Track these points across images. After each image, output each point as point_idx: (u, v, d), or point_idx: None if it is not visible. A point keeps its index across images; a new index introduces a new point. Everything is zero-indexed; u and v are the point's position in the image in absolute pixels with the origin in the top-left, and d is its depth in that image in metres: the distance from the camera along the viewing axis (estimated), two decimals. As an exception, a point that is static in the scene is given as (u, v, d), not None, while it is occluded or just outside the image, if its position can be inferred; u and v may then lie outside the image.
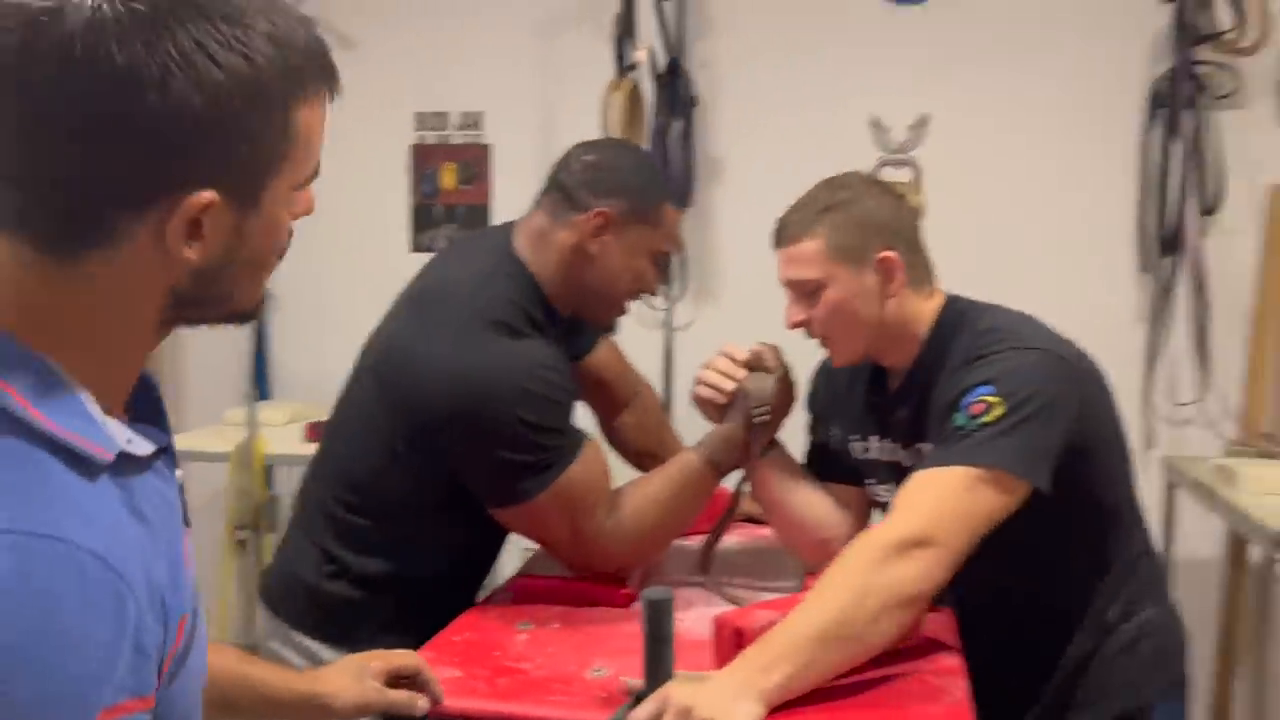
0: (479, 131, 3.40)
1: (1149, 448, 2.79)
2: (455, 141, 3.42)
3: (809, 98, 3.10)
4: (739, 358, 1.60)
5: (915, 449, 1.49)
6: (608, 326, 1.72)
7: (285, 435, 2.91)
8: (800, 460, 1.69)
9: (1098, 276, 2.94)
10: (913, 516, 1.27)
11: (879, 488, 1.59)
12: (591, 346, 1.83)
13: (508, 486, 1.46)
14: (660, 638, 1.15)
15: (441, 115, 3.42)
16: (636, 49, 2.91)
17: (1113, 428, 1.48)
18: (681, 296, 3.19)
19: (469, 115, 3.40)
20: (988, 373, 1.35)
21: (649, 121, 3.04)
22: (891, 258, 1.45)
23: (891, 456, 1.55)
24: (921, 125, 3.05)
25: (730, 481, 1.69)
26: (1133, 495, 1.54)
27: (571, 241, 1.54)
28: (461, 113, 3.40)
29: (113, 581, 0.62)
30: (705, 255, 3.11)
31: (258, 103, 0.66)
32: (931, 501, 1.28)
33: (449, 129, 3.43)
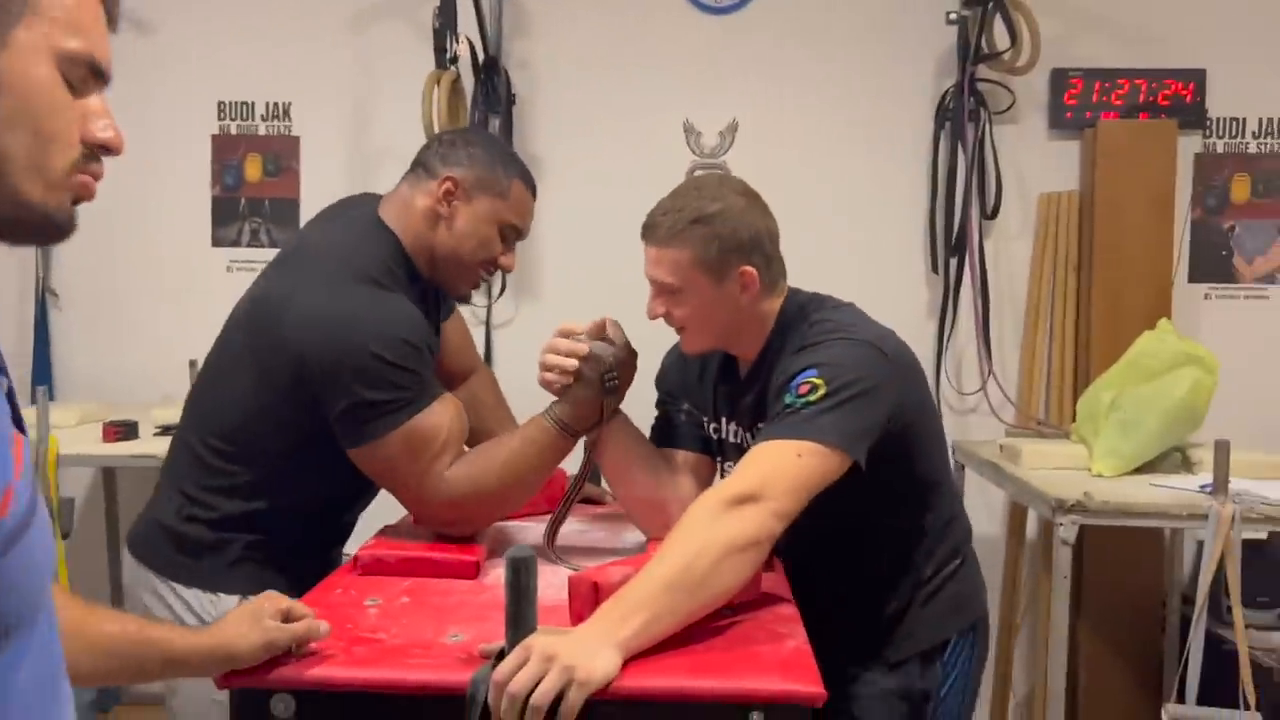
0: (287, 122, 3.30)
1: (939, 433, 3.02)
2: (261, 133, 3.30)
3: (625, 101, 3.19)
4: (579, 330, 1.64)
5: (757, 428, 1.60)
6: (462, 295, 1.77)
7: (78, 436, 2.72)
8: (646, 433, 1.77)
9: (893, 276, 3.15)
10: (744, 477, 1.38)
11: (727, 465, 1.70)
12: (446, 317, 1.89)
13: (362, 424, 1.52)
14: (523, 595, 1.17)
15: (247, 105, 3.30)
16: (458, 42, 2.90)
17: (927, 410, 1.65)
18: (501, 294, 3.20)
19: (276, 106, 3.29)
20: (815, 358, 1.49)
21: (469, 117, 3.03)
22: (750, 273, 1.57)
23: (739, 438, 1.67)
24: (732, 130, 3.18)
25: (571, 464, 1.72)
26: (945, 467, 1.72)
27: (424, 205, 1.65)
28: (268, 103, 3.29)
29: None
30: (523, 254, 3.08)
31: None
32: (763, 466, 1.40)
33: (254, 119, 3.30)
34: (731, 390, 1.69)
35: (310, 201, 3.26)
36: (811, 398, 1.43)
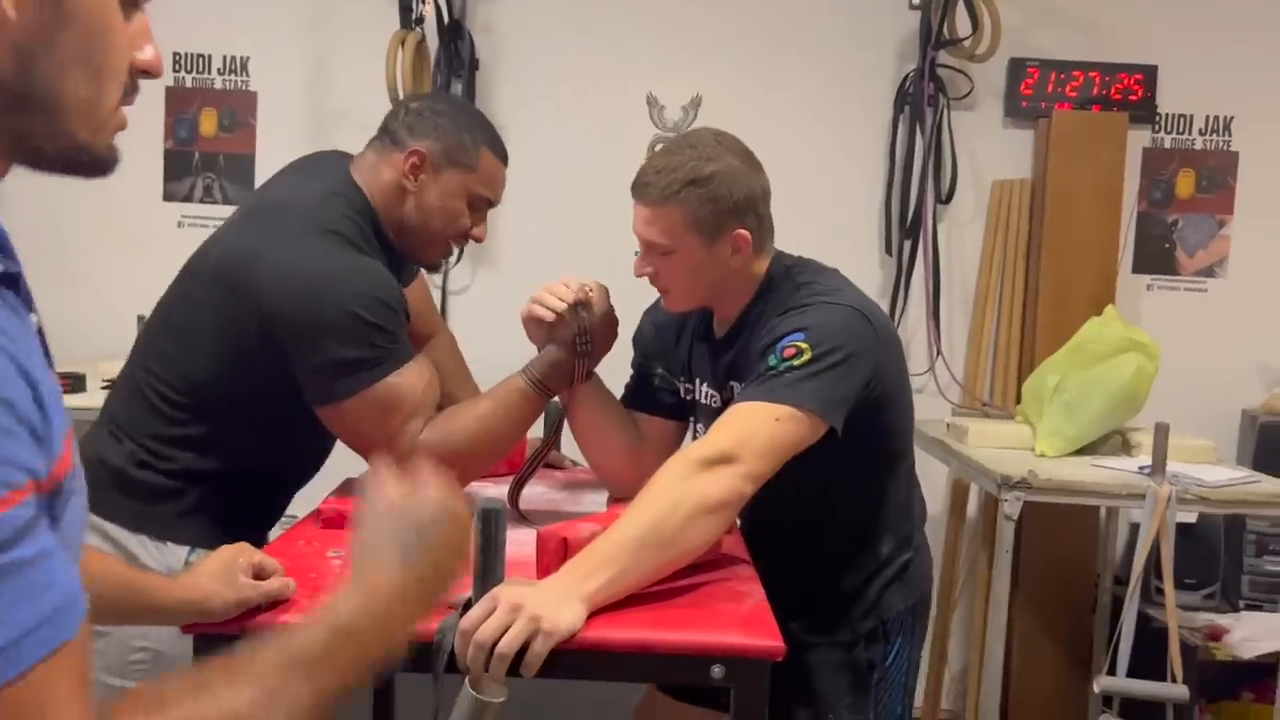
0: (244, 77, 3.24)
1: (888, 412, 3.08)
2: (218, 87, 3.24)
3: (589, 72, 3.18)
4: (573, 286, 1.65)
5: (730, 388, 1.61)
6: (431, 265, 1.76)
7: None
8: (620, 392, 1.78)
9: (846, 256, 3.09)
10: (720, 438, 1.39)
11: (699, 426, 1.70)
12: (409, 281, 1.85)
13: (333, 382, 1.50)
14: (491, 547, 1.19)
15: (203, 57, 3.23)
16: (423, 3, 2.87)
17: (902, 382, 1.65)
18: (458, 261, 3.19)
19: (234, 60, 3.23)
20: (801, 322, 1.49)
21: (432, 79, 3.01)
22: (744, 235, 1.56)
23: (710, 399, 1.67)
24: (695, 106, 3.20)
25: (536, 431, 1.74)
26: (910, 446, 1.73)
27: (392, 179, 1.62)
28: (225, 56, 3.23)
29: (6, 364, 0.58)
30: (482, 219, 3.12)
31: None
32: (740, 427, 1.40)
33: (210, 73, 3.24)
34: (708, 350, 1.69)
35: (267, 158, 3.21)
36: (795, 362, 1.44)
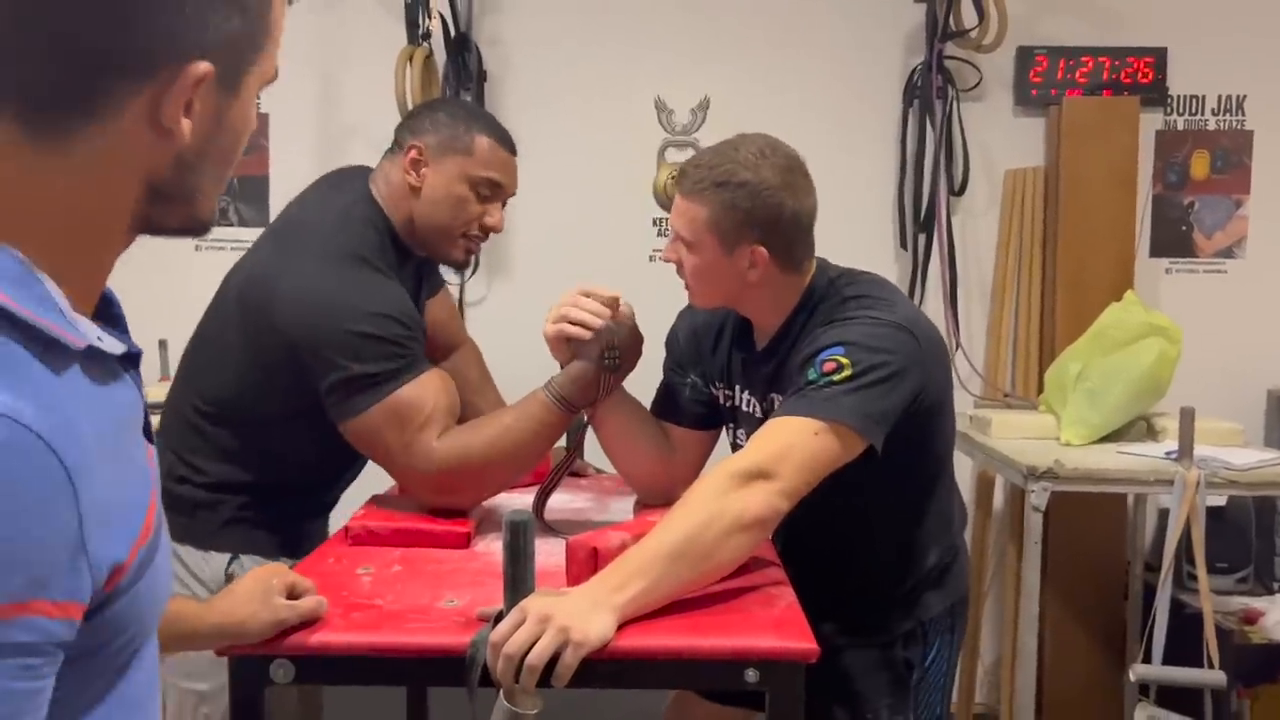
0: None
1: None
2: (229, 110, 3.26)
3: (596, 78, 3.18)
4: (602, 298, 1.63)
5: (771, 399, 1.60)
6: (454, 261, 1.76)
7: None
8: (653, 396, 1.78)
9: (861, 253, 3.09)
10: (759, 452, 1.38)
11: (739, 432, 1.69)
12: (431, 295, 1.91)
13: (350, 397, 1.53)
14: (521, 557, 1.19)
15: (213, 82, 3.25)
16: (429, 18, 2.89)
17: (947, 401, 1.61)
18: (474, 273, 3.20)
19: (244, 83, 3.25)
20: (842, 336, 1.46)
21: (440, 93, 3.02)
22: (760, 254, 1.53)
23: (753, 409, 1.65)
24: (703, 108, 3.19)
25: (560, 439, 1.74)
26: (950, 458, 1.70)
27: (399, 179, 1.67)
28: (235, 80, 3.25)
29: (54, 470, 0.58)
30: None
31: None
32: (778, 442, 1.39)
33: (221, 97, 3.26)
34: (748, 359, 1.66)
35: (279, 179, 3.22)
36: (835, 376, 1.41)
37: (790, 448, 1.37)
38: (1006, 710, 3.02)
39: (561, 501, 1.79)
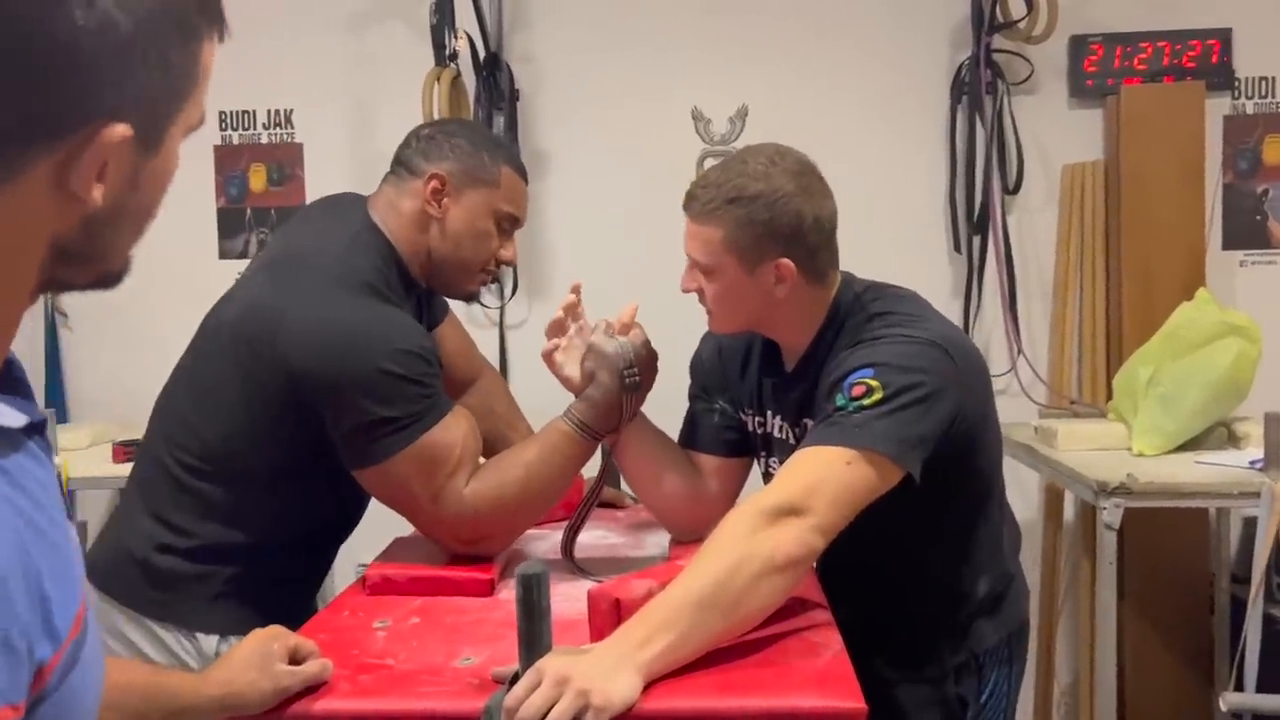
0: (289, 130, 3.24)
1: (970, 418, 2.92)
2: (264, 141, 3.24)
3: (631, 90, 3.10)
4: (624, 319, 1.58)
5: (803, 424, 1.49)
6: (467, 295, 1.67)
7: (89, 458, 2.67)
8: (680, 424, 1.68)
9: (914, 257, 3.05)
10: (788, 487, 1.27)
11: (773, 460, 1.59)
12: (437, 323, 1.80)
13: (372, 443, 1.42)
14: (536, 613, 1.10)
15: (248, 114, 3.24)
16: (456, 38, 2.83)
17: (989, 420, 1.50)
18: (513, 295, 3.13)
19: (278, 113, 3.23)
20: (872, 357, 1.36)
21: (472, 114, 2.97)
22: (787, 266, 1.44)
23: (786, 435, 1.55)
24: (741, 116, 3.09)
25: (589, 469, 1.65)
26: (999, 479, 1.58)
27: (414, 208, 1.55)
28: (269, 110, 3.23)
29: None
30: (535, 252, 3.05)
31: (179, 30, 0.62)
32: (808, 474, 1.28)
33: (256, 128, 3.25)
34: (778, 384, 1.56)
35: (315, 209, 3.20)
36: (865, 401, 1.31)
37: (822, 480, 1.26)
38: (1087, 735, 2.86)
39: (593, 538, 1.70)
